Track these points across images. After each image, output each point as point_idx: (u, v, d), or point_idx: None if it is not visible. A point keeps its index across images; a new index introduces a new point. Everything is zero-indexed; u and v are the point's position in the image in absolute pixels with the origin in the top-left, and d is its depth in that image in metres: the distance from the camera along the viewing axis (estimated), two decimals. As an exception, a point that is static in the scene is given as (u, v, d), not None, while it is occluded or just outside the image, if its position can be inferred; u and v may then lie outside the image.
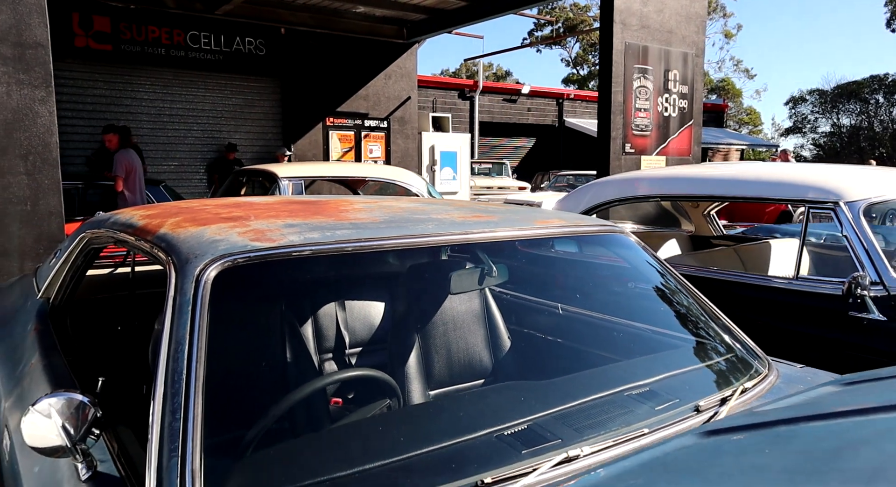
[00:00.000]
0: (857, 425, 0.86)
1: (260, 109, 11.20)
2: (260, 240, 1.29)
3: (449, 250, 1.74)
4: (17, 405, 1.66)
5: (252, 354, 1.35)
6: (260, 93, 11.13)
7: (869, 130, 34.51)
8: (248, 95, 11.07)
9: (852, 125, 35.13)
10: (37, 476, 1.31)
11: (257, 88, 11.07)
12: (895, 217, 4.32)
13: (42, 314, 2.02)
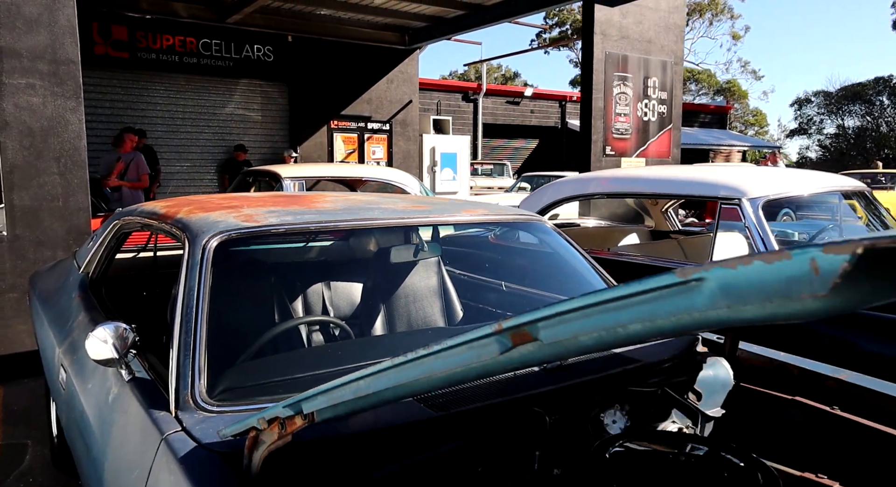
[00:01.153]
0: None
1: (268, 112, 11.77)
2: (248, 221, 1.81)
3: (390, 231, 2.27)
4: (69, 350, 2.19)
5: (240, 297, 1.88)
6: (268, 97, 11.70)
7: (874, 132, 34.63)
8: (257, 100, 11.64)
9: (858, 127, 35.28)
10: (90, 391, 1.84)
11: (265, 92, 11.64)
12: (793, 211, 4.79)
13: (83, 285, 2.56)
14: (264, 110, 11.74)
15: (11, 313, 4.40)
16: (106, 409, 1.66)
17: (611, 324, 0.51)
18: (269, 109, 11.78)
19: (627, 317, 0.50)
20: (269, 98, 11.74)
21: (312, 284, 2.14)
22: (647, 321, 0.49)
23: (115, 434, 1.56)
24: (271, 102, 11.78)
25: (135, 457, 1.39)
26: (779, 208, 4.39)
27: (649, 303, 0.48)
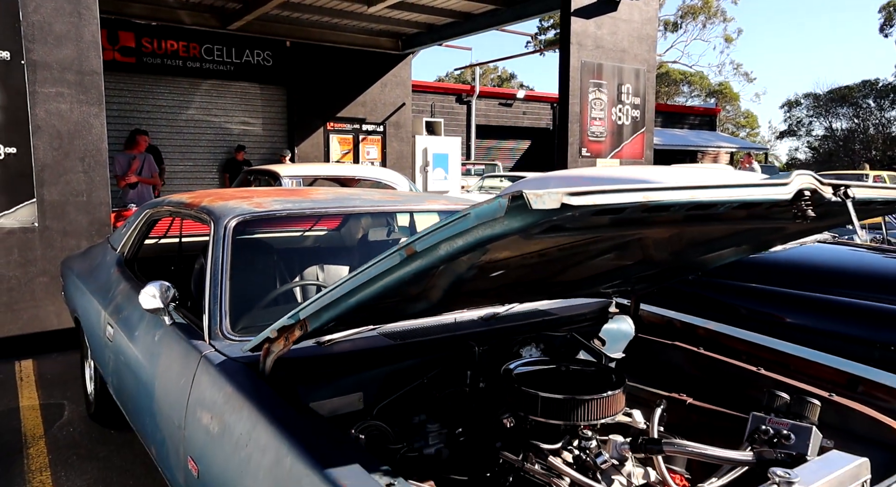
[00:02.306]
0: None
1: (267, 114, 12.33)
2: (258, 207, 2.37)
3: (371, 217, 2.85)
4: (114, 311, 2.75)
5: (252, 263, 2.45)
6: (267, 100, 12.26)
7: (862, 134, 35.30)
8: (257, 102, 12.19)
9: (846, 129, 35.96)
10: (138, 337, 2.40)
11: (265, 95, 12.20)
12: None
13: (119, 262, 3.12)
14: (264, 112, 12.30)
15: (42, 294, 4.95)
16: (153, 346, 2.23)
17: (447, 237, 1.08)
18: (268, 111, 12.34)
19: (451, 234, 1.06)
20: (269, 101, 12.30)
21: (307, 258, 2.72)
22: (458, 238, 1.05)
23: (163, 361, 2.12)
24: (270, 104, 12.33)
25: (181, 371, 1.96)
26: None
27: (456, 226, 1.04)
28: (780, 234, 1.95)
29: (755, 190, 1.23)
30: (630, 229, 1.48)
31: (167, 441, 1.99)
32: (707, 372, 2.25)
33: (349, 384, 1.87)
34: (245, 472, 1.47)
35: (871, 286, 3.23)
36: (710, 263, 2.26)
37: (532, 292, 2.20)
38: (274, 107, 12.37)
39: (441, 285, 1.62)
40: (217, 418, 1.67)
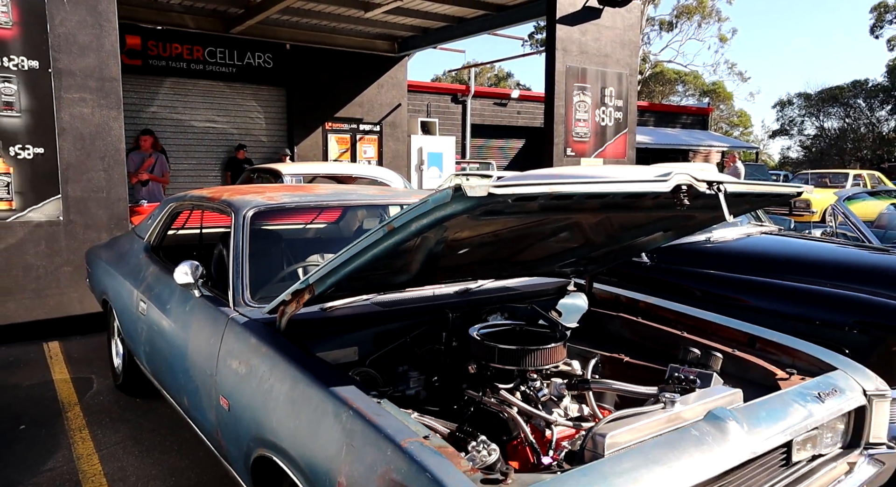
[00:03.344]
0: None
1: (268, 114, 12.78)
2: (270, 200, 2.84)
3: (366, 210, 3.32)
4: (146, 289, 3.22)
5: (266, 248, 2.91)
6: (268, 101, 12.71)
7: (853, 133, 35.85)
8: (258, 103, 12.64)
9: (837, 128, 36.51)
10: (170, 309, 2.87)
11: (265, 96, 12.65)
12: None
13: (147, 249, 3.59)
14: (264, 113, 12.75)
15: (66, 282, 5.41)
16: (185, 315, 2.69)
17: (415, 217, 1.54)
18: (268, 111, 12.78)
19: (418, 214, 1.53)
20: (269, 101, 12.75)
21: (311, 242, 3.18)
22: (423, 218, 1.52)
23: (194, 326, 2.59)
24: (271, 105, 12.78)
25: (211, 332, 2.42)
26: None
27: (420, 209, 1.50)
28: (694, 221, 2.42)
29: (641, 185, 1.70)
30: (559, 214, 1.95)
31: (200, 388, 2.45)
32: (642, 337, 2.72)
33: (346, 341, 2.34)
34: (268, 398, 1.94)
35: (808, 271, 3.69)
36: (646, 246, 2.73)
37: (497, 270, 2.66)
38: (274, 107, 12.81)
39: (418, 259, 2.09)
40: (244, 362, 2.14)
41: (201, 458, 3.21)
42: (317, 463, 1.67)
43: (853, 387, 2.11)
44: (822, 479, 1.98)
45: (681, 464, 1.57)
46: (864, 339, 2.99)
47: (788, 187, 2.23)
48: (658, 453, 1.58)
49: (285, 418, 1.84)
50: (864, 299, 3.13)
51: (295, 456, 1.77)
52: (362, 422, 1.59)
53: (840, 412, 2.01)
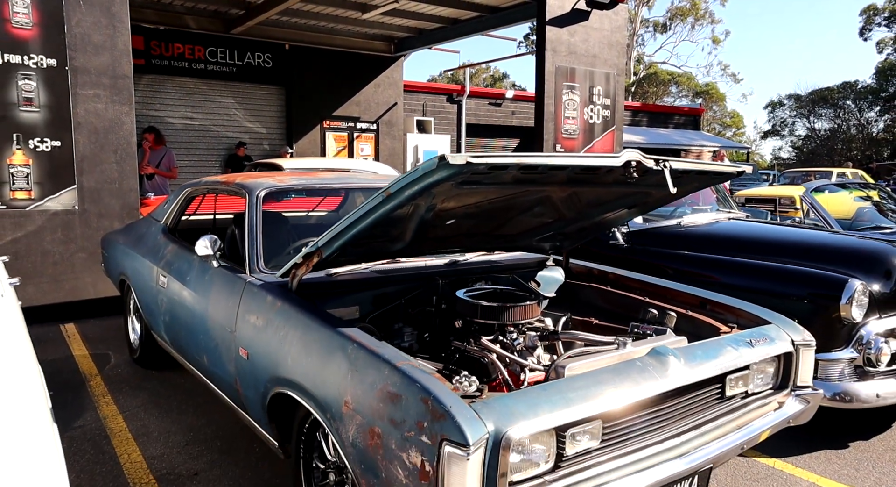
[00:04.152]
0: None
1: (267, 113, 13.10)
2: (280, 182, 3.18)
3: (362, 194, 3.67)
4: (166, 265, 3.55)
5: (276, 224, 3.26)
6: (267, 99, 13.03)
7: (843, 134, 36.37)
8: (257, 102, 12.96)
9: (827, 129, 37.03)
10: (190, 280, 3.20)
11: (265, 95, 12.98)
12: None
13: (164, 230, 3.92)
14: (264, 111, 13.07)
15: (80, 268, 5.73)
16: (205, 283, 3.03)
17: (407, 183, 1.88)
18: (267, 109, 13.11)
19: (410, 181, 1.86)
20: (268, 100, 13.07)
21: (314, 219, 3.53)
22: (414, 184, 1.85)
23: (214, 291, 2.93)
24: (270, 103, 13.10)
25: (230, 294, 2.76)
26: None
27: (412, 176, 1.84)
28: (652, 198, 2.77)
29: (595, 159, 2.05)
30: (531, 187, 2.29)
31: (219, 345, 2.79)
32: (610, 303, 3.08)
33: (349, 301, 2.68)
34: (283, 343, 2.28)
35: (768, 251, 4.04)
36: (613, 222, 3.08)
37: (482, 243, 3.01)
38: (273, 106, 13.14)
39: (411, 228, 2.43)
40: (261, 317, 2.48)
41: (216, 417, 3.55)
42: (327, 390, 2.01)
43: (783, 337, 2.47)
44: (753, 412, 2.34)
45: (626, 385, 1.92)
46: (811, 307, 3.34)
47: (731, 167, 2.58)
48: (607, 376, 1.93)
49: (299, 357, 2.19)
50: (811, 273, 3.48)
51: (308, 387, 2.11)
52: (364, 351, 1.94)
53: (768, 356, 2.36)
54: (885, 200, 6.15)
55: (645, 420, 2.00)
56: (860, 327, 3.31)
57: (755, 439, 2.28)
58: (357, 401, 1.87)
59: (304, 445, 2.38)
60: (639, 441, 1.99)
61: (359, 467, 1.87)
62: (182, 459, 3.10)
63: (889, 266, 3.55)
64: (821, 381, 3.27)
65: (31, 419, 1.41)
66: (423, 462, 1.62)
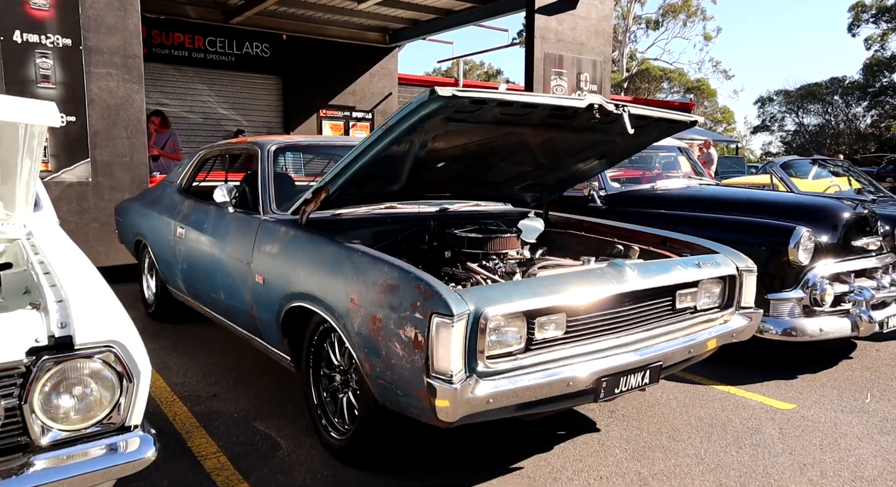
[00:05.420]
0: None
1: (265, 102, 13.43)
2: (288, 139, 3.54)
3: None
4: (183, 218, 3.90)
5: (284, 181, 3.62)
6: (265, 88, 13.35)
7: (832, 129, 36.92)
8: (255, 90, 13.28)
9: (816, 124, 37.58)
10: (207, 228, 3.56)
11: (263, 84, 13.30)
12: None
13: (180, 190, 4.28)
14: (262, 100, 13.39)
15: (93, 238, 6.07)
16: (221, 227, 3.39)
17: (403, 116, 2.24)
18: (266, 99, 13.43)
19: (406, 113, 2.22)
20: (266, 89, 13.39)
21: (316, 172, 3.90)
22: (411, 115, 2.20)
23: (231, 231, 3.28)
24: (268, 92, 13.42)
25: (246, 232, 3.12)
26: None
27: (407, 108, 2.20)
28: (618, 147, 3.14)
29: (563, 100, 2.42)
30: (510, 128, 2.65)
31: (236, 278, 3.15)
32: (584, 245, 3.45)
33: (351, 236, 3.03)
34: (296, 263, 2.65)
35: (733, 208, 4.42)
36: (587, 173, 3.45)
37: (469, 190, 3.38)
38: (271, 95, 13.46)
39: (406, 167, 2.80)
40: (276, 245, 2.84)
41: (231, 357, 3.91)
42: (336, 294, 2.38)
43: (728, 263, 2.85)
44: (701, 325, 2.72)
45: (586, 285, 2.30)
46: (767, 253, 3.72)
47: (685, 116, 2.95)
48: (570, 277, 2.31)
49: (311, 272, 2.55)
50: (767, 224, 3.87)
51: (318, 295, 2.47)
52: (368, 257, 2.31)
53: (714, 276, 2.74)
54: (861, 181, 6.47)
55: (604, 319, 2.37)
56: (808, 270, 3.70)
57: (702, 345, 2.66)
58: (361, 297, 2.24)
59: (313, 356, 2.74)
60: (598, 336, 2.36)
61: (363, 352, 2.24)
62: (201, 385, 3.46)
63: (836, 219, 3.94)
64: (772, 318, 3.66)
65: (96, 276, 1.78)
66: (416, 334, 1.99)
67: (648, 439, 2.87)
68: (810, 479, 2.53)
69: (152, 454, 1.61)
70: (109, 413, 1.57)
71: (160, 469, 2.54)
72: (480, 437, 2.87)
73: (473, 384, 1.97)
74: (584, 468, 2.59)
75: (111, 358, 1.55)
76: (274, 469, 2.55)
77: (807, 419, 3.12)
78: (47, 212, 2.76)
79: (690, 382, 3.61)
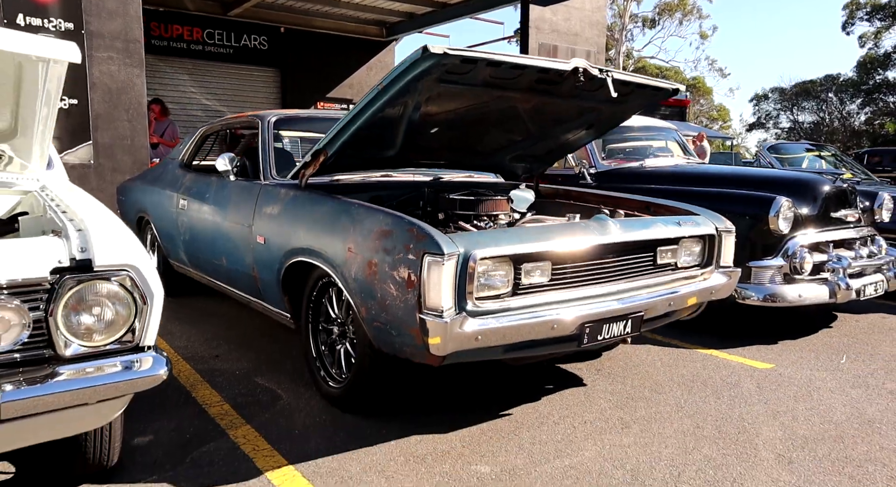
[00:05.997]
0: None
1: (262, 94, 13.53)
2: (287, 112, 3.68)
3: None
4: (186, 190, 4.03)
5: (282, 154, 3.75)
6: (263, 81, 13.47)
7: (827, 126, 37.15)
8: (253, 83, 13.39)
9: (811, 122, 37.84)
10: (209, 197, 3.69)
11: (261, 76, 13.41)
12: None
13: (182, 165, 4.41)
14: (259, 92, 13.50)
15: (95, 218, 6.18)
16: (223, 195, 3.52)
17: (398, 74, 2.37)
18: (263, 91, 13.54)
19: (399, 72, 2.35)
20: (264, 82, 13.50)
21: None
22: (405, 74, 2.33)
23: (232, 200, 3.41)
24: (266, 84, 13.54)
25: (248, 196, 3.25)
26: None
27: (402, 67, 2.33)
28: (604, 115, 3.28)
29: (549, 62, 2.56)
30: (500, 91, 2.78)
31: (238, 242, 3.28)
32: (572, 212, 3.59)
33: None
34: (296, 221, 2.78)
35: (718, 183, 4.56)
36: (575, 143, 3.59)
37: (462, 159, 3.51)
38: (269, 87, 13.57)
39: (401, 131, 2.93)
40: (277, 206, 2.97)
41: (231, 326, 4.05)
42: (334, 246, 2.51)
43: (707, 223, 2.99)
44: (682, 281, 2.86)
45: (570, 235, 2.43)
46: (750, 223, 3.86)
47: (668, 84, 3.09)
48: (555, 228, 2.45)
49: (310, 227, 2.69)
50: (750, 195, 4.01)
51: (317, 248, 2.61)
52: (364, 208, 2.45)
53: (694, 234, 2.88)
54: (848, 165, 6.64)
55: (587, 268, 2.51)
56: (788, 239, 3.85)
57: (682, 299, 2.80)
58: (358, 245, 2.38)
59: (312, 311, 2.88)
60: (582, 285, 2.50)
61: (359, 297, 2.37)
62: (204, 348, 3.59)
63: (816, 192, 4.09)
64: (754, 285, 3.81)
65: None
66: (410, 274, 2.13)
67: (632, 391, 3.02)
68: (782, 423, 2.68)
69: (165, 372, 1.74)
70: (126, 333, 1.70)
71: (166, 414, 2.67)
72: (471, 389, 3.00)
73: (463, 320, 2.11)
74: (569, 414, 2.73)
75: (127, 281, 1.68)
76: (275, 415, 2.69)
77: (783, 376, 3.26)
78: (59, 171, 2.89)
79: (674, 346, 3.76)
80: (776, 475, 2.23)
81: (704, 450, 2.42)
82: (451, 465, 2.27)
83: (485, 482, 2.16)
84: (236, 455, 2.33)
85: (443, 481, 2.15)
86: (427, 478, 2.17)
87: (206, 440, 2.45)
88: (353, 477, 2.17)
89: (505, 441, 2.46)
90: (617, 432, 2.57)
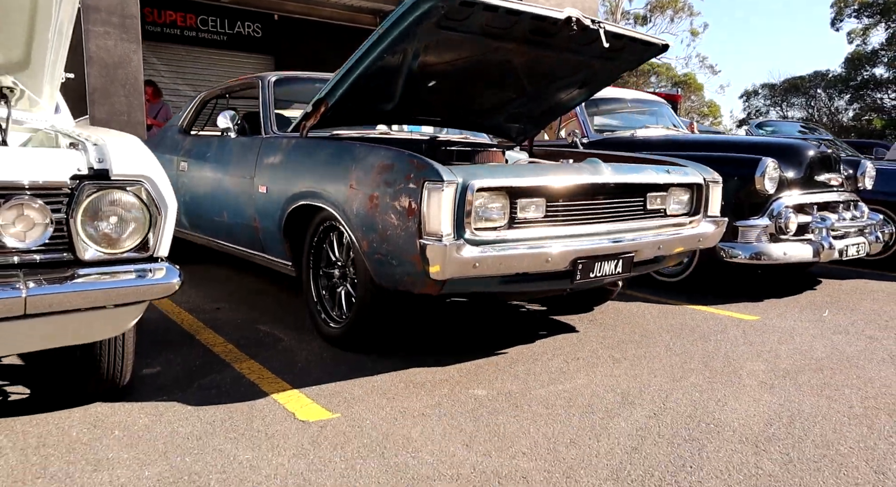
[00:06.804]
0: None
1: (256, 81, 13.58)
2: (286, 73, 3.75)
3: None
4: (186, 153, 4.10)
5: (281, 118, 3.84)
6: (256, 68, 13.46)
7: (815, 121, 37.55)
8: (246, 70, 13.38)
9: (800, 118, 38.20)
10: (210, 157, 3.76)
11: (254, 63, 13.41)
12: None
13: (182, 130, 4.47)
14: (253, 80, 13.54)
15: (92, 192, 6.22)
16: (225, 152, 3.59)
17: (397, 18, 2.46)
18: (257, 79, 13.58)
19: (399, 15, 2.44)
20: (257, 69, 13.51)
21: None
22: (404, 18, 2.42)
23: (234, 157, 3.49)
24: (259, 71, 13.55)
25: (249, 148, 3.32)
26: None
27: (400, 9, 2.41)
28: (598, 72, 3.37)
29: (544, 10, 2.65)
30: (497, 42, 2.87)
31: (240, 194, 3.36)
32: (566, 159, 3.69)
33: (349, 152, 3.26)
34: (298, 166, 2.86)
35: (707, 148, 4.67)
36: (570, 102, 3.69)
37: (459, 117, 3.60)
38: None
39: (400, 82, 3.02)
40: (278, 156, 3.05)
41: (232, 287, 4.12)
42: (336, 184, 2.60)
43: (696, 174, 3.10)
44: (671, 228, 2.96)
45: (563, 174, 2.53)
46: (738, 183, 3.98)
47: (658, 39, 3.20)
48: (549, 167, 2.54)
49: (313, 170, 2.77)
50: (739, 157, 4.13)
51: (319, 190, 2.69)
52: (365, 147, 2.53)
53: (682, 182, 2.99)
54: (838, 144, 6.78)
55: (580, 206, 2.61)
56: (774, 200, 3.97)
57: (671, 244, 2.91)
58: (359, 181, 2.46)
59: (313, 257, 2.96)
60: (575, 223, 2.60)
61: (361, 231, 2.46)
62: (205, 303, 3.67)
63: (801, 156, 4.22)
64: (741, 243, 3.93)
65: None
66: (410, 202, 2.22)
67: (623, 337, 3.12)
68: (766, 359, 2.79)
69: (177, 281, 1.83)
70: (141, 242, 1.78)
71: (172, 351, 2.75)
72: (467, 335, 3.10)
73: (461, 246, 2.20)
74: (562, 353, 2.84)
75: (142, 191, 1.76)
76: (278, 353, 2.77)
77: (768, 326, 3.38)
78: (66, 116, 2.95)
79: (664, 304, 3.87)
80: (758, 396, 2.34)
81: (691, 379, 2.53)
82: (449, 389, 2.36)
83: (482, 402, 2.25)
84: (242, 382, 2.41)
85: (442, 401, 2.25)
86: (427, 399, 2.26)
87: (212, 371, 2.54)
88: (356, 398, 2.26)
89: (501, 372, 2.56)
90: (608, 366, 2.67)
